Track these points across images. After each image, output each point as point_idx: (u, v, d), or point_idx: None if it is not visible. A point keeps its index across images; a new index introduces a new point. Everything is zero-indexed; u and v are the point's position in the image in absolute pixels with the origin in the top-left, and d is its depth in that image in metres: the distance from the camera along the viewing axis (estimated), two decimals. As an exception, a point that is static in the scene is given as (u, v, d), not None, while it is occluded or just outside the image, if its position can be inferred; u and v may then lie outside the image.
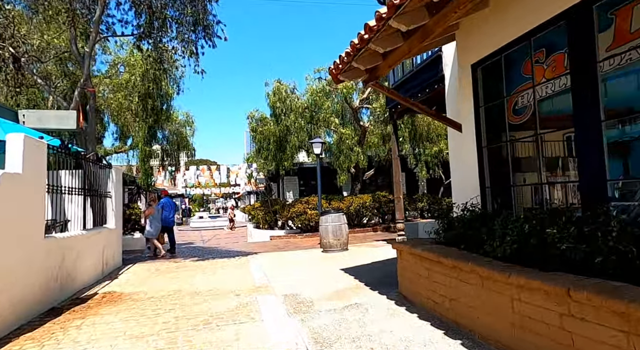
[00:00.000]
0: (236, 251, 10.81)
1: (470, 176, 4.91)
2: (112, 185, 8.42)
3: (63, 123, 7.29)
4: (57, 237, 5.46)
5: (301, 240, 13.12)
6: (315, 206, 14.07)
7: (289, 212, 14.06)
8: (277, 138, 13.86)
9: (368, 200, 15.36)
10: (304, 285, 5.71)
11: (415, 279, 4.21)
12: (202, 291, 5.70)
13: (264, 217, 15.68)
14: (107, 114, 12.85)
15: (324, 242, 8.88)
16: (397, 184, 8.39)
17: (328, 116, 13.45)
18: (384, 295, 4.75)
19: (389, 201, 16.11)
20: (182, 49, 7.76)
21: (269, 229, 15.60)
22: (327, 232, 8.74)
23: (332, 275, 6.27)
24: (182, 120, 16.26)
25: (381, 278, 5.73)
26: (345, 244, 8.87)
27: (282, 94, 13.40)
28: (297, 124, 13.46)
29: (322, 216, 9.01)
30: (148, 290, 5.95)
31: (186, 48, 7.67)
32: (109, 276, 7.37)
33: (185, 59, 7.94)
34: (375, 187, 18.70)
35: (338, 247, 8.74)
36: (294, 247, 11.33)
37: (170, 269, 7.83)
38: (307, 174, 17.85)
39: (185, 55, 7.81)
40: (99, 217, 7.89)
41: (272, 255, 9.29)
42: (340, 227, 8.78)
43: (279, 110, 13.31)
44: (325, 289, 5.34)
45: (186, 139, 15.70)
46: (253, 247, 11.97)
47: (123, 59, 13.15)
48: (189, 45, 7.66)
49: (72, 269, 5.87)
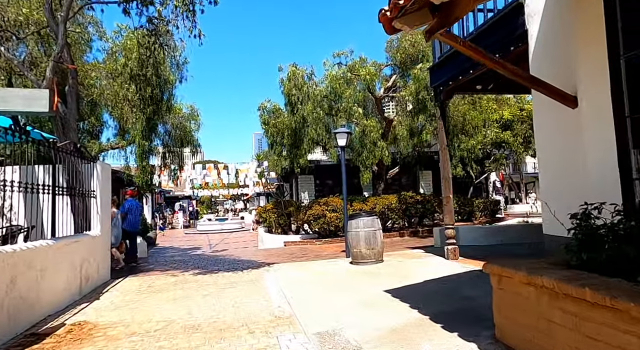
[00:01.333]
0: (247, 261, 9.33)
1: (596, 165, 3.33)
2: (97, 183, 7.00)
3: (32, 104, 5.83)
4: (4, 251, 4.02)
5: (320, 247, 11.60)
6: (334, 208, 12.53)
7: (306, 215, 12.55)
8: (292, 131, 12.35)
9: (394, 201, 13.79)
10: (341, 316, 4.17)
11: (538, 325, 2.65)
12: (203, 324, 4.21)
13: (276, 220, 14.20)
14: (102, 104, 11.47)
15: (354, 251, 7.34)
16: (447, 181, 6.82)
17: (350, 106, 11.89)
18: (470, 342, 3.19)
19: (417, 202, 14.52)
20: (175, 3, 6.33)
21: (283, 234, 14.11)
22: (358, 240, 7.20)
23: (378, 300, 4.72)
24: (186, 113, 14.83)
25: (451, 309, 4.17)
26: (380, 254, 7.32)
27: (298, 80, 11.89)
28: (314, 115, 11.93)
29: (351, 220, 7.48)
30: (131, 321, 4.49)
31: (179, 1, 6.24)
32: (88, 296, 5.94)
33: (182, 24, 6.51)
34: (399, 186, 17.12)
35: (372, 259, 7.19)
36: (313, 255, 9.81)
37: (166, 286, 6.37)
38: (324, 172, 16.31)
39: (180, 14, 6.38)
40: (80, 221, 6.48)
41: (290, 267, 7.78)
42: (374, 234, 7.23)
43: (294, 98, 11.78)
44: (374, 325, 3.80)
45: (190, 134, 14.23)
46: (266, 255, 10.48)
47: (121, 46, 11.81)
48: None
49: (30, 292, 4.44)
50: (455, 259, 6.93)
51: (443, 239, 9.71)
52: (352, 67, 12.64)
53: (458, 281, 5.46)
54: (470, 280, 5.45)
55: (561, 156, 4.23)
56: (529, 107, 17.74)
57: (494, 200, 19.00)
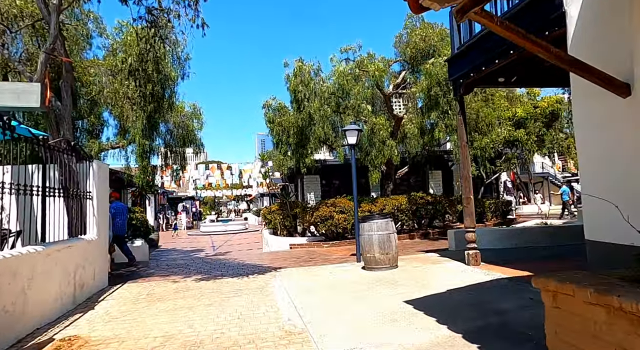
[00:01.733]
0: (252, 265, 8.90)
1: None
2: (93, 184, 6.60)
3: (22, 99, 5.43)
4: (-16, 259, 3.60)
5: (328, 250, 11.15)
6: (342, 209, 12.08)
7: (312, 217, 12.11)
8: (298, 129, 11.91)
9: (404, 202, 13.32)
10: (361, 332, 3.73)
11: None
12: (205, 340, 3.78)
13: (282, 222, 13.77)
14: (101, 102, 11.07)
15: (367, 256, 6.89)
16: (467, 181, 6.37)
17: (359, 103, 11.42)
18: (517, 368, 2.73)
19: (427, 203, 14.05)
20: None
21: (288, 236, 13.68)
22: (372, 244, 6.75)
23: (399, 313, 4.26)
24: (189, 111, 14.43)
25: (484, 324, 3.71)
26: (395, 259, 6.87)
27: (305, 76, 11.44)
28: (322, 112, 11.47)
29: (363, 223, 7.03)
30: (127, 335, 4.06)
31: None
32: (83, 305, 5.53)
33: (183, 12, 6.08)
34: (407, 186, 16.64)
35: (386, 264, 6.74)
36: (321, 259, 9.37)
37: (166, 294, 5.95)
38: (330, 172, 15.87)
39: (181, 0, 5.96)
40: (75, 224, 6.07)
41: (298, 272, 7.34)
42: (388, 238, 6.78)
43: (301, 95, 11.33)
44: (401, 344, 3.34)
45: (193, 133, 13.82)
46: (271, 258, 10.05)
47: (121, 42, 11.44)
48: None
49: (14, 304, 4.03)
50: (476, 265, 6.46)
51: (459, 242, 9.24)
52: (360, 63, 12.18)
53: (485, 291, 5.00)
54: (499, 290, 4.98)
55: (607, 152, 3.76)
56: (542, 104, 17.26)
57: (505, 201, 18.47)
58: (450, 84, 10.57)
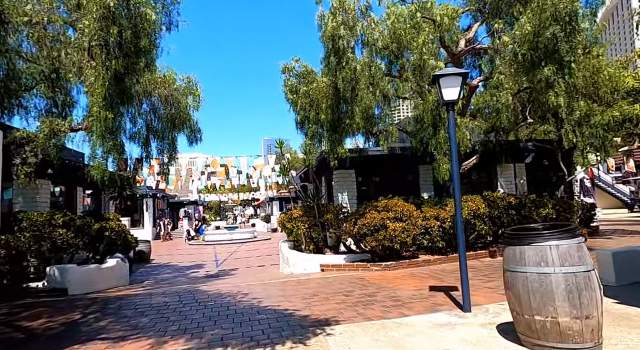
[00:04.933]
0: (274, 311, 5.31)
1: None
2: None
3: None
4: None
5: (384, 278, 7.51)
6: (399, 215, 8.43)
7: (356, 226, 8.48)
8: (336, 99, 8.29)
9: (482, 206, 9.66)
10: None
11: None
12: None
13: (307, 232, 10.15)
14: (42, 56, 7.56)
15: (526, 318, 3.26)
16: None
17: (426, 58, 7.73)
18: None
19: (509, 206, 10.38)
20: None
21: (316, 252, 10.06)
22: (549, 295, 3.11)
23: None
24: (181, 85, 10.91)
25: None
26: (599, 329, 3.19)
27: (348, 15, 7.79)
28: (373, 70, 7.84)
29: (513, 247, 3.39)
30: None
31: None
32: None
33: None
34: (470, 184, 12.92)
35: (581, 339, 3.08)
36: (388, 299, 5.78)
37: None
38: (369, 165, 12.20)
39: None
40: None
41: (370, 338, 3.69)
42: (585, 283, 3.12)
43: (343, 43, 7.57)
44: None
45: (186, 112, 10.24)
46: (303, 293, 6.44)
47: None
48: None
49: None
50: None
51: (625, 271, 5.62)
52: (422, 5, 8.57)
53: None
54: None
55: None
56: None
57: (588, 204, 14.67)
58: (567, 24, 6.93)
